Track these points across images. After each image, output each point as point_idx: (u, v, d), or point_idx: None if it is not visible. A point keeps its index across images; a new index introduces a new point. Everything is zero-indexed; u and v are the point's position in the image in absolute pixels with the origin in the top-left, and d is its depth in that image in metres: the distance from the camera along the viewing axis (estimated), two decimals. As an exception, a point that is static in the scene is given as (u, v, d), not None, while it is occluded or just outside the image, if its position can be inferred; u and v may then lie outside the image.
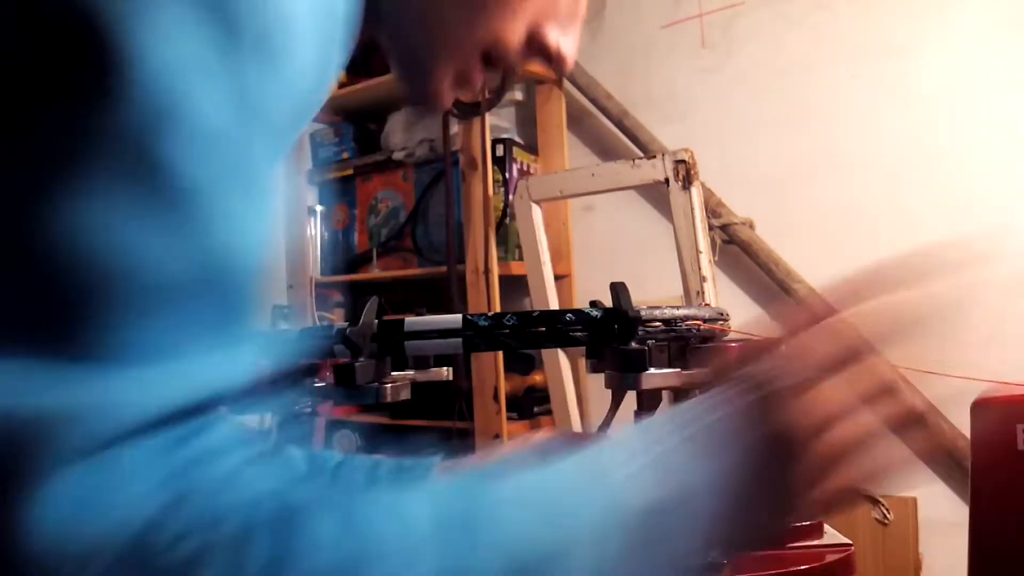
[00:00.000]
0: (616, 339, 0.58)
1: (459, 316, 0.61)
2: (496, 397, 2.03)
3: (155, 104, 0.31)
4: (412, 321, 0.62)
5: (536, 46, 0.52)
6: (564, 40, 0.52)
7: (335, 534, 0.33)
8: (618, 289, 0.59)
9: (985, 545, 0.84)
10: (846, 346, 0.43)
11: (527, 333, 0.60)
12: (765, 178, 1.98)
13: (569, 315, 0.59)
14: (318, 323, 2.44)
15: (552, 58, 0.53)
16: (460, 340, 0.61)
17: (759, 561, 0.64)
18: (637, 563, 0.36)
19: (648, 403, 0.73)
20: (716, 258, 1.81)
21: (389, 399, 0.62)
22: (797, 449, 0.40)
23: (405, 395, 0.63)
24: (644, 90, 2.18)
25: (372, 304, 0.62)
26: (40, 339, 0.31)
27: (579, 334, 0.59)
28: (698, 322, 0.63)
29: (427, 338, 0.62)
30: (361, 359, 0.60)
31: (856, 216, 1.87)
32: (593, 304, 0.65)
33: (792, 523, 0.49)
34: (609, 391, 0.64)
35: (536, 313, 0.61)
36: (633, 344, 0.58)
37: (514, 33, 0.50)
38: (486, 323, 0.60)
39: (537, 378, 2.18)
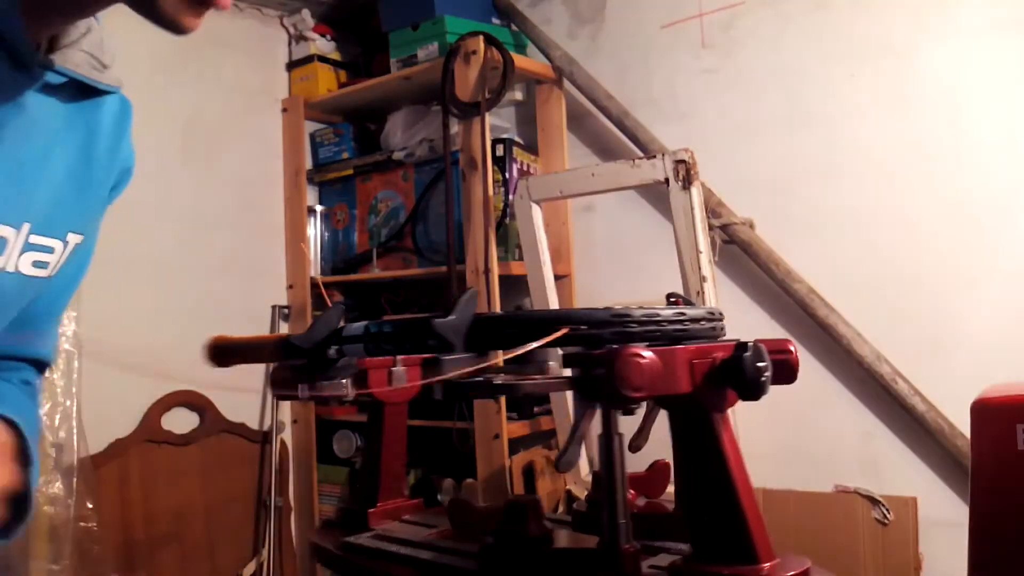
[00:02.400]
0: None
1: (363, 324, 0.67)
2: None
3: None
4: (348, 327, 0.67)
5: None
6: None
7: None
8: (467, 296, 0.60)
9: (985, 544, 0.85)
10: None
11: (400, 339, 0.62)
12: (765, 178, 1.98)
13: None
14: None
15: None
16: (361, 346, 0.67)
17: None
18: None
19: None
20: (716, 258, 1.82)
21: (327, 393, 0.70)
22: None
23: (341, 392, 0.69)
24: (644, 90, 2.18)
25: (333, 311, 0.67)
26: None
27: (432, 342, 0.60)
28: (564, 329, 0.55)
29: (349, 343, 0.67)
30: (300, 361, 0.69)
31: (855, 216, 1.87)
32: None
33: None
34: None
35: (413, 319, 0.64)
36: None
37: None
38: (375, 330, 0.64)
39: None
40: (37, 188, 0.69)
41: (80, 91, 0.70)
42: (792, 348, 0.61)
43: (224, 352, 0.79)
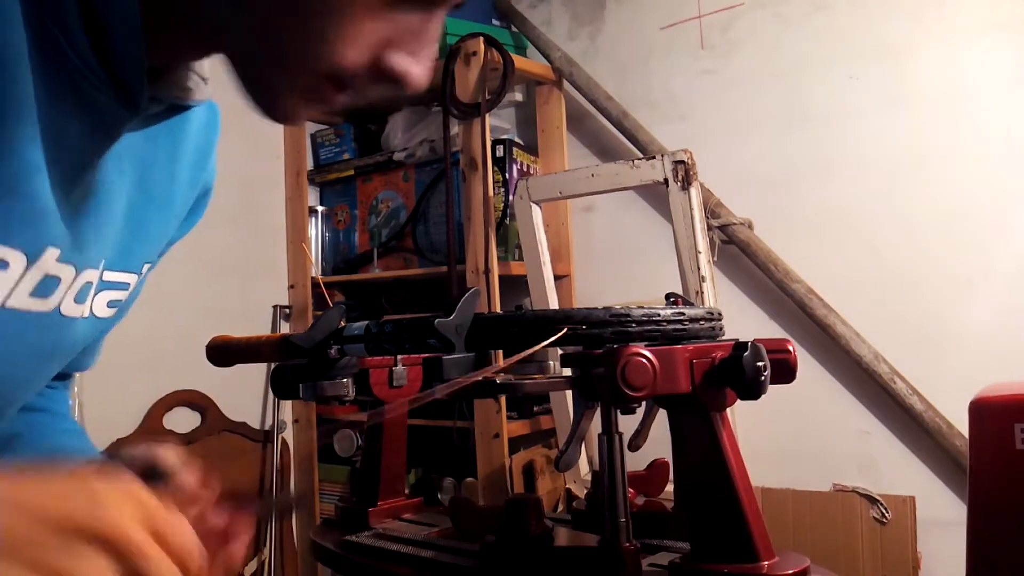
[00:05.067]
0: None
1: (364, 323, 0.67)
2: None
3: None
4: (348, 327, 0.68)
5: (382, 71, 0.52)
6: (412, 64, 0.53)
7: None
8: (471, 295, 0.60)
9: (983, 544, 0.85)
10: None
11: (400, 339, 0.62)
12: (764, 178, 1.99)
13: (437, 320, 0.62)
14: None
15: (398, 81, 0.53)
16: (362, 346, 0.67)
17: None
18: None
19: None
20: (715, 258, 1.82)
21: (328, 393, 0.70)
22: None
23: (342, 392, 0.68)
24: (643, 91, 2.18)
25: (334, 311, 0.67)
26: None
27: (432, 342, 0.60)
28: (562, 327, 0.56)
29: (350, 342, 0.67)
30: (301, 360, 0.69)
31: (854, 216, 1.88)
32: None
33: None
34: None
35: (406, 321, 0.64)
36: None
37: (355, 60, 0.51)
38: (375, 330, 0.64)
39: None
40: (113, 218, 0.62)
41: (174, 107, 0.63)
42: (791, 348, 0.61)
43: (225, 352, 0.79)
